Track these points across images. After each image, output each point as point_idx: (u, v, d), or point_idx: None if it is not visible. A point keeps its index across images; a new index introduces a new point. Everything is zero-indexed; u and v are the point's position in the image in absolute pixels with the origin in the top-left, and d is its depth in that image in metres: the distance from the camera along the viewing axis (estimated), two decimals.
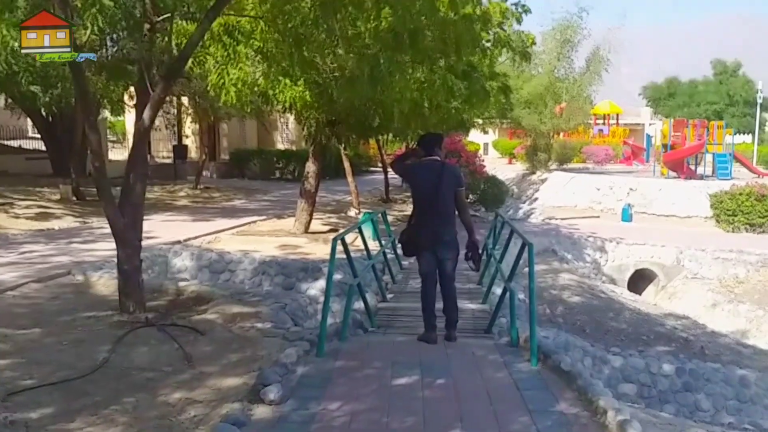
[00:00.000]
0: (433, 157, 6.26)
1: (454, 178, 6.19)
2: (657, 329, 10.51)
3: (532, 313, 5.78)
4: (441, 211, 6.10)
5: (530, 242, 6.26)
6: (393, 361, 5.59)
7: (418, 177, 6.27)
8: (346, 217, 17.36)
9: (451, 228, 6.17)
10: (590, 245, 16.28)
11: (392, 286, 9.65)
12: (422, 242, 6.18)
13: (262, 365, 5.37)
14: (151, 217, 15.60)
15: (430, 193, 6.08)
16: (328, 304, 5.93)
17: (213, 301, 7.65)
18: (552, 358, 5.48)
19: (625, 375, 9.15)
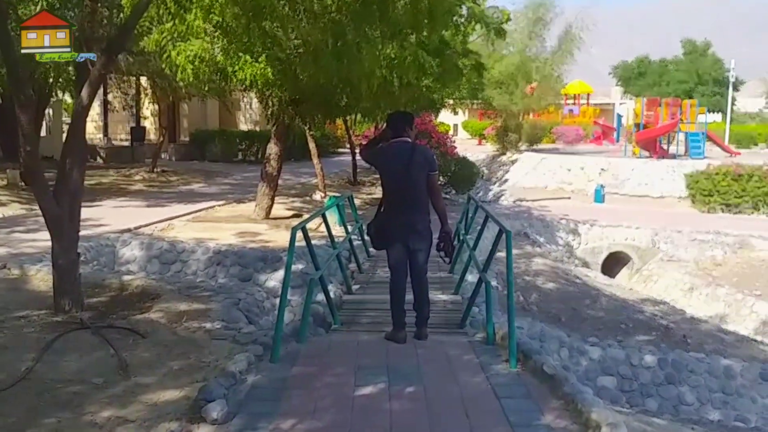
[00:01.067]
0: (403, 139, 5.70)
1: (425, 161, 5.65)
2: (636, 317, 10.16)
3: (510, 309, 5.26)
4: (412, 198, 5.61)
5: (508, 230, 5.74)
6: (357, 365, 5.04)
7: (386, 161, 5.74)
8: (311, 201, 16.72)
9: (423, 216, 5.66)
10: (563, 228, 15.94)
11: (359, 275, 9.10)
12: (392, 232, 5.67)
13: (207, 375, 4.78)
14: (103, 203, 14.85)
15: (399, 179, 5.58)
16: (285, 304, 5.35)
17: (159, 297, 6.99)
18: (533, 359, 4.98)
19: (605, 367, 8.77)
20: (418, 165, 5.57)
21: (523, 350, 5.16)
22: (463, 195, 18.96)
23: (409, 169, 5.54)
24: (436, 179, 5.80)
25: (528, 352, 5.11)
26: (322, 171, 17.10)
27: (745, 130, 42.90)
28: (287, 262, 5.52)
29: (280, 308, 5.29)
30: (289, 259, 5.52)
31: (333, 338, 6.02)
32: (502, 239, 5.82)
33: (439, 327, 6.49)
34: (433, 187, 5.72)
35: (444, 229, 5.78)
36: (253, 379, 4.68)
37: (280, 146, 12.55)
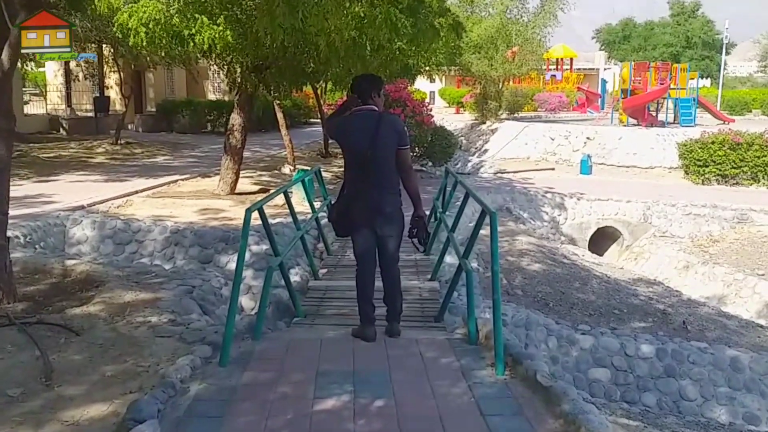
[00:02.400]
0: (369, 107, 5.06)
1: (395, 133, 5.00)
2: (630, 301, 9.69)
3: (496, 304, 4.69)
4: (379, 176, 4.97)
5: (493, 211, 5.15)
6: (319, 370, 4.48)
7: (349, 133, 5.04)
8: (279, 175, 16.05)
9: (392, 197, 5.06)
10: (548, 202, 15.41)
11: (327, 258, 8.51)
12: (357, 216, 5.03)
13: (143, 383, 4.19)
14: (59, 177, 14.09)
15: (364, 154, 4.91)
16: (236, 299, 4.74)
17: (104, 285, 6.37)
18: (523, 364, 4.43)
19: (597, 358, 8.26)
20: (386, 138, 4.94)
21: (511, 353, 4.61)
22: (440, 167, 18.38)
23: (375, 142, 4.89)
24: (407, 155, 5.15)
25: (517, 356, 4.55)
26: (291, 143, 16.39)
27: (738, 96, 41.91)
28: (240, 250, 4.90)
29: (231, 304, 4.69)
30: (243, 246, 4.90)
31: (294, 335, 5.43)
32: (484, 220, 5.28)
33: (413, 320, 5.96)
34: (403, 164, 5.08)
35: (417, 213, 5.19)
36: (197, 389, 4.10)
37: (244, 116, 11.84)
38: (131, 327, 5.20)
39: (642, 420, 6.07)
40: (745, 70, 61.54)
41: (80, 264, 7.05)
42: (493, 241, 4.92)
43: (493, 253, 4.87)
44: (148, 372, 4.36)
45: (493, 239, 4.92)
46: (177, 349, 4.77)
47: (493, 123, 27.02)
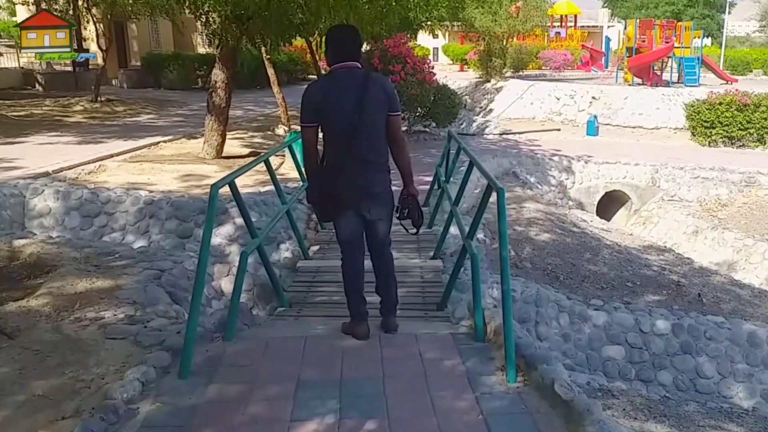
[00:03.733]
0: (350, 65, 4.17)
1: (385, 96, 4.17)
2: (643, 272, 8.98)
3: (505, 296, 3.92)
4: (366, 149, 4.16)
5: (500, 187, 4.35)
6: (300, 380, 3.74)
7: (331, 95, 4.12)
8: (273, 136, 15.17)
9: (381, 174, 4.28)
10: (555, 165, 14.59)
11: (319, 233, 7.74)
12: (340, 197, 4.22)
13: (80, 405, 3.44)
14: (28, 138, 13.16)
15: (348, 122, 4.07)
16: (200, 293, 3.97)
17: (56, 271, 5.59)
18: (538, 369, 3.70)
19: (611, 335, 7.60)
20: (375, 102, 4.12)
21: (524, 355, 3.88)
22: (443, 129, 17.47)
23: (362, 107, 4.06)
24: (399, 122, 4.34)
25: (531, 359, 3.82)
26: (285, 101, 15.44)
27: (739, 55, 41.36)
28: (204, 235, 4.12)
29: (193, 303, 3.92)
30: (207, 231, 4.13)
31: (274, 331, 4.69)
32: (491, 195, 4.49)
33: (413, 308, 5.24)
34: (395, 134, 4.28)
35: (409, 191, 4.42)
36: (147, 412, 3.37)
37: (228, 72, 10.92)
38: (78, 326, 4.43)
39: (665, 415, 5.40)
40: (743, 30, 60.06)
41: (30, 244, 6.24)
42: (501, 220, 4.12)
43: (502, 236, 4.09)
44: (90, 388, 3.61)
45: (501, 219, 4.12)
46: (130, 356, 4.02)
47: (498, 81, 26.03)
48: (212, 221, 4.20)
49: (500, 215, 4.12)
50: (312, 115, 4.15)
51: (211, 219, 4.19)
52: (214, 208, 4.25)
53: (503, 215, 4.14)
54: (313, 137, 4.20)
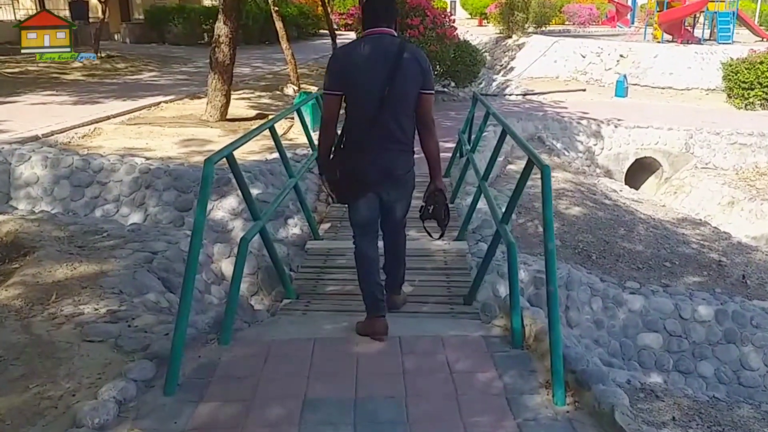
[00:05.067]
0: (384, 31, 3.72)
1: (420, 70, 3.72)
2: (681, 250, 8.35)
3: (551, 297, 3.34)
4: (393, 127, 3.76)
5: (545, 164, 3.73)
6: (306, 399, 3.20)
7: (356, 65, 3.70)
8: (281, 97, 14.48)
9: (406, 156, 3.91)
10: (583, 130, 13.84)
11: (331, 206, 7.16)
12: (360, 178, 3.84)
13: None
14: (21, 98, 12.58)
15: (376, 96, 3.66)
16: (189, 296, 3.40)
17: (34, 253, 5.05)
18: (593, 391, 3.13)
19: (648, 321, 7.03)
20: (409, 76, 3.68)
21: (574, 371, 3.31)
22: (464, 89, 16.70)
23: (393, 80, 3.63)
24: (431, 102, 3.85)
25: (584, 377, 3.25)
26: (294, 58, 14.70)
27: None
28: (195, 221, 3.54)
29: (182, 303, 3.36)
30: (200, 212, 3.54)
31: (278, 330, 4.11)
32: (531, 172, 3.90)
33: (438, 300, 4.66)
34: (426, 115, 3.83)
35: (436, 185, 3.96)
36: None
37: (231, 25, 10.20)
38: (52, 325, 3.89)
39: (719, 423, 4.84)
40: None
41: (8, 221, 5.69)
42: (546, 206, 3.53)
43: (547, 225, 3.50)
44: (57, 408, 3.08)
45: (546, 204, 3.53)
46: (108, 365, 3.49)
47: (520, 37, 25.02)
48: (206, 204, 3.61)
49: (545, 199, 3.53)
50: (336, 83, 3.77)
51: (205, 201, 3.60)
52: (207, 190, 3.66)
53: (548, 199, 3.54)
54: (335, 108, 3.84)
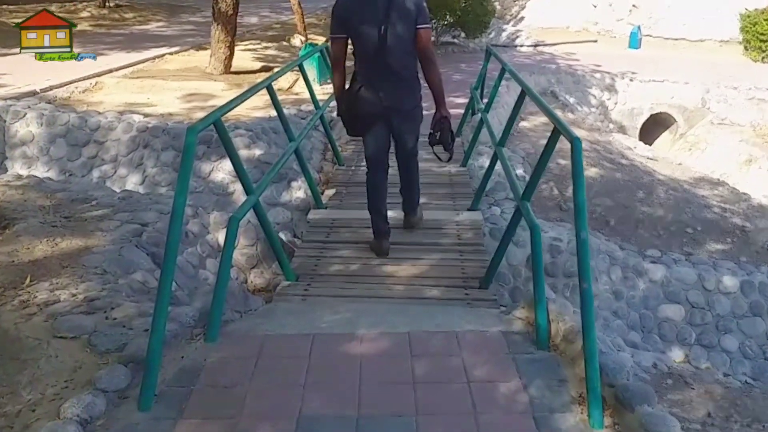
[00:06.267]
0: None
1: (413, 8, 4.01)
2: (703, 215, 7.71)
3: (586, 298, 2.76)
4: (395, 65, 4.10)
5: (575, 136, 3.12)
6: (301, 415, 2.66)
7: (355, 10, 4.04)
8: (288, 48, 13.66)
9: (411, 91, 4.25)
10: (596, 84, 13.03)
11: (337, 170, 6.53)
12: (369, 113, 4.20)
13: None
14: (16, 50, 11.79)
15: (375, 36, 4.01)
16: (168, 291, 2.83)
17: (13, 226, 4.48)
18: (637, 413, 2.56)
19: (669, 293, 6.48)
20: (403, 14, 4.00)
21: (613, 385, 2.74)
22: (473, 40, 15.79)
23: (388, 19, 3.96)
24: (429, 36, 4.18)
25: (625, 395, 2.67)
26: (301, 8, 13.82)
27: None
28: (175, 203, 2.94)
29: (159, 303, 2.79)
30: (180, 189, 2.95)
31: (272, 322, 3.55)
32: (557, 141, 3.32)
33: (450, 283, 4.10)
34: (425, 50, 4.13)
35: (441, 113, 4.28)
36: None
37: None
38: (22, 315, 3.33)
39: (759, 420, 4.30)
40: None
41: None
42: (578, 186, 2.96)
43: (579, 210, 2.92)
44: (13, 429, 2.55)
45: (578, 183, 2.96)
46: (79, 368, 2.94)
47: None
48: (187, 181, 3.00)
49: (577, 179, 2.94)
50: (340, 28, 4.13)
51: (186, 178, 3.00)
52: (189, 165, 3.08)
53: (580, 179, 2.96)
54: (341, 51, 4.18)
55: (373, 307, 3.68)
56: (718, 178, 10.55)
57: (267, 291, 5.16)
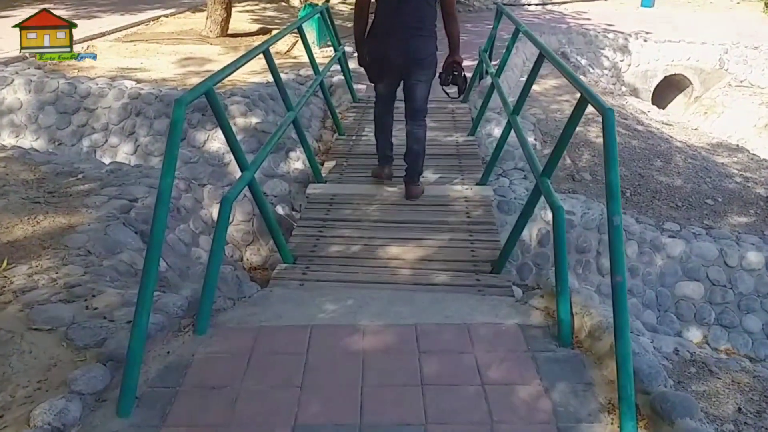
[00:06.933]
0: None
1: None
2: (724, 184, 7.36)
3: (619, 291, 2.45)
4: (416, 14, 4.35)
5: (608, 107, 2.78)
6: (296, 424, 2.39)
7: None
8: (287, 9, 13.18)
9: (429, 40, 4.44)
10: (609, 44, 12.53)
11: (337, 140, 6.19)
12: (388, 61, 4.45)
13: None
14: (15, 12, 11.42)
15: None
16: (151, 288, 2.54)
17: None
18: (677, 426, 2.29)
19: (688, 269, 6.17)
20: None
21: (649, 393, 2.46)
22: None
23: None
24: None
25: (663, 405, 2.38)
26: None
27: None
28: (161, 187, 2.64)
29: (141, 298, 2.51)
30: (167, 171, 2.64)
31: (267, 311, 3.26)
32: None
33: (460, 267, 3.79)
34: (449, 6, 4.45)
35: (453, 58, 4.62)
36: None
37: None
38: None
39: None
40: None
41: None
42: (611, 167, 2.62)
43: (612, 193, 2.59)
44: None
45: (611, 164, 2.62)
46: (54, 366, 2.68)
47: None
48: (174, 158, 2.68)
49: (609, 154, 2.63)
50: None
51: (173, 155, 2.68)
52: (176, 140, 2.74)
53: (613, 156, 2.64)
54: (366, 2, 4.47)
55: (376, 294, 3.39)
56: (736, 144, 10.17)
57: (264, 269, 4.89)
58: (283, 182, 6.03)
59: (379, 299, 3.32)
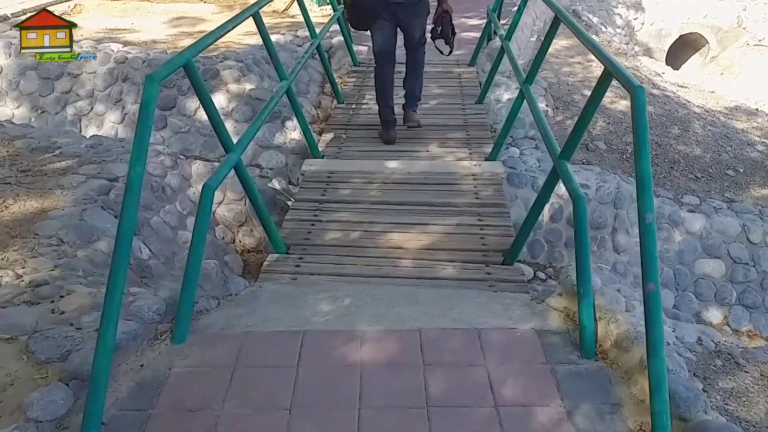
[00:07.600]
0: None
1: None
2: (745, 153, 6.96)
3: (650, 301, 2.11)
4: None
5: (638, 84, 2.42)
6: None
7: None
8: None
9: None
10: (622, 1, 11.94)
11: (336, 108, 5.79)
12: (375, 5, 4.49)
13: None
14: None
15: None
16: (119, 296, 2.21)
17: None
18: None
19: (708, 246, 5.81)
20: None
21: (686, 420, 2.14)
22: None
23: None
24: None
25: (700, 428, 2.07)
26: None
27: None
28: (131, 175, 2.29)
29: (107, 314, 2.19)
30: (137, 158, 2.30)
31: (255, 312, 2.92)
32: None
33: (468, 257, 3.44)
34: None
35: (443, 7, 4.74)
36: None
37: None
38: None
39: None
40: None
41: None
42: (642, 155, 2.28)
43: (643, 183, 2.27)
44: None
45: (642, 149, 2.29)
46: (10, 385, 2.36)
47: None
48: (146, 142, 2.34)
49: (639, 138, 2.29)
50: None
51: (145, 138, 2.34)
52: (148, 121, 2.40)
53: (644, 141, 2.29)
54: None
55: (376, 291, 3.06)
56: (755, 108, 9.71)
57: (258, 251, 4.57)
58: (280, 154, 5.65)
59: (379, 298, 2.99)
